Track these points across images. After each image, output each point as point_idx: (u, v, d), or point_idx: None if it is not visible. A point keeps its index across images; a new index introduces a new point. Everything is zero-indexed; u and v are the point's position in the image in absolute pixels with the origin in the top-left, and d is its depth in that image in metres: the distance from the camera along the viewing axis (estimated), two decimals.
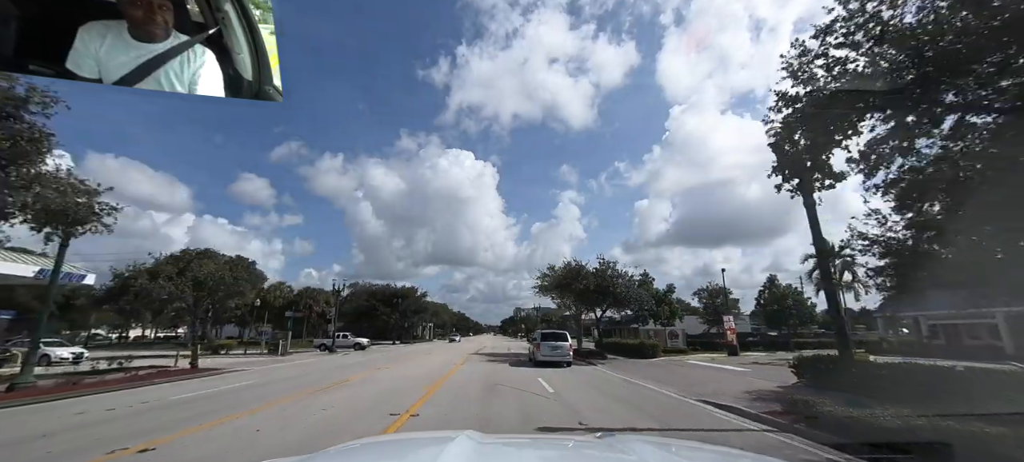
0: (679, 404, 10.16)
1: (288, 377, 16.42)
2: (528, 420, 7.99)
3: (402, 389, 12.63)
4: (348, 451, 1.98)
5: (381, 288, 61.53)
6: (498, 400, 10.54)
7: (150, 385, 13.79)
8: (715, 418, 8.40)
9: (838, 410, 6.56)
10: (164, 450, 6.17)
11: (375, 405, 9.85)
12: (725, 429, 7.35)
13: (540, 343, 19.81)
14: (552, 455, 1.99)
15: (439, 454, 1.47)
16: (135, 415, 9.00)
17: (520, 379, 15.03)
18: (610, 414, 8.73)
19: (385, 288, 61.38)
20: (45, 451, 6.20)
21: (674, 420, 8.17)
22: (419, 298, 63.57)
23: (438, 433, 2.52)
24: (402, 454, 1.94)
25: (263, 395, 11.55)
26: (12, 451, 6.39)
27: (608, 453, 1.85)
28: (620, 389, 12.90)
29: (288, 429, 7.46)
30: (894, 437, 5.40)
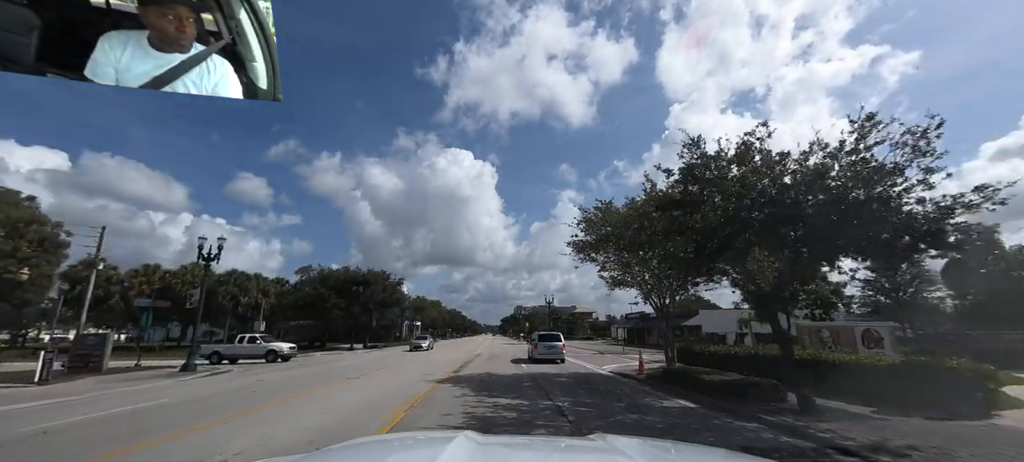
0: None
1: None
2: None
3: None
4: (347, 451, 1.99)
5: (337, 272, 45.63)
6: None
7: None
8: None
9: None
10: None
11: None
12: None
13: (538, 343, 22.92)
14: (551, 456, 2.00)
15: (438, 454, 1.48)
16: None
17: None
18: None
19: (343, 272, 45.34)
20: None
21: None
22: (390, 285, 47.37)
23: (437, 433, 2.54)
24: (401, 454, 1.95)
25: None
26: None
27: (607, 455, 1.85)
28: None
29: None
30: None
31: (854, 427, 6.78)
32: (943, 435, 6.20)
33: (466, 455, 1.55)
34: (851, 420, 7.42)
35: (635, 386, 13.05)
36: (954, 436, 6.15)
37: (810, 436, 6.40)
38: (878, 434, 6.31)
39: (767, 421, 7.46)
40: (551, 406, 9.22)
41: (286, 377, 15.56)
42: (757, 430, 7.10)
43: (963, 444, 5.74)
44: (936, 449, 5.51)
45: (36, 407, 9.44)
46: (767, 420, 7.50)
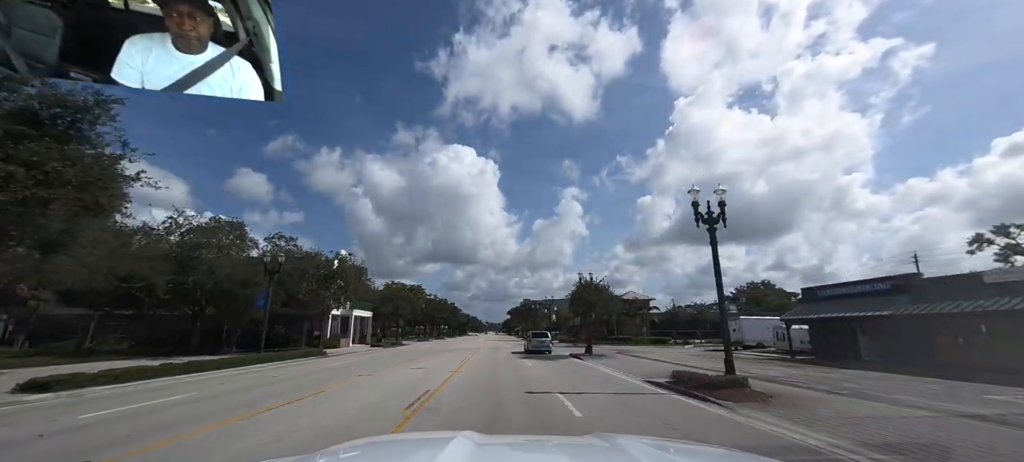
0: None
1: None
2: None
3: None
4: (348, 451, 1.99)
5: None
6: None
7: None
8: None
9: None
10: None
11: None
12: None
13: (532, 338, 31.77)
14: (551, 456, 2.05)
15: (437, 455, 1.49)
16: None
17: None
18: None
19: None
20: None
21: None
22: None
23: (437, 433, 2.56)
24: (401, 455, 1.98)
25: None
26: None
27: (607, 454, 1.89)
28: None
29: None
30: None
31: None
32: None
33: (467, 455, 1.56)
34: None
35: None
36: None
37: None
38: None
39: None
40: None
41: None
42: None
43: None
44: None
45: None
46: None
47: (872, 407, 9.18)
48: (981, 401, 10.12)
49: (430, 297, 74.62)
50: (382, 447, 2.22)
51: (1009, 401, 10.12)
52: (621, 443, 1.92)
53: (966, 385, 13.06)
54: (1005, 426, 7.43)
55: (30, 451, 5.96)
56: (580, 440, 2.31)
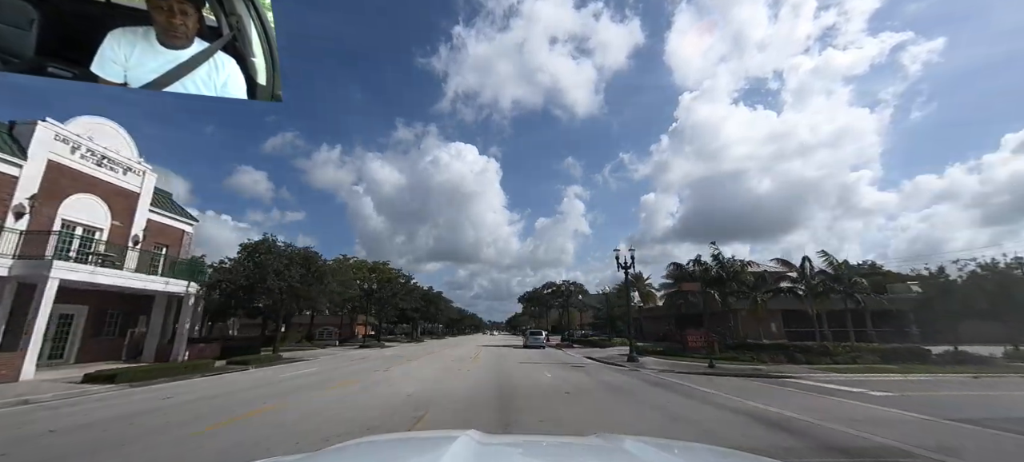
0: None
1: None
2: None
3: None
4: (349, 450, 2.00)
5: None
6: None
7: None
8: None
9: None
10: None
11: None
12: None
13: (528, 336, 39.57)
14: (553, 456, 2.06)
15: (441, 455, 1.50)
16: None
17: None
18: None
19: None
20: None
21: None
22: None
23: (440, 432, 2.57)
24: (404, 454, 1.98)
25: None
26: None
27: (609, 454, 1.90)
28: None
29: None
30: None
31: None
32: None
33: (470, 454, 1.58)
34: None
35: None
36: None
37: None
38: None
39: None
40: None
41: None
42: None
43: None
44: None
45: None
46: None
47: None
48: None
49: (403, 277, 50.91)
50: (384, 446, 2.24)
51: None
52: (623, 443, 1.96)
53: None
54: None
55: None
56: (582, 440, 2.33)
